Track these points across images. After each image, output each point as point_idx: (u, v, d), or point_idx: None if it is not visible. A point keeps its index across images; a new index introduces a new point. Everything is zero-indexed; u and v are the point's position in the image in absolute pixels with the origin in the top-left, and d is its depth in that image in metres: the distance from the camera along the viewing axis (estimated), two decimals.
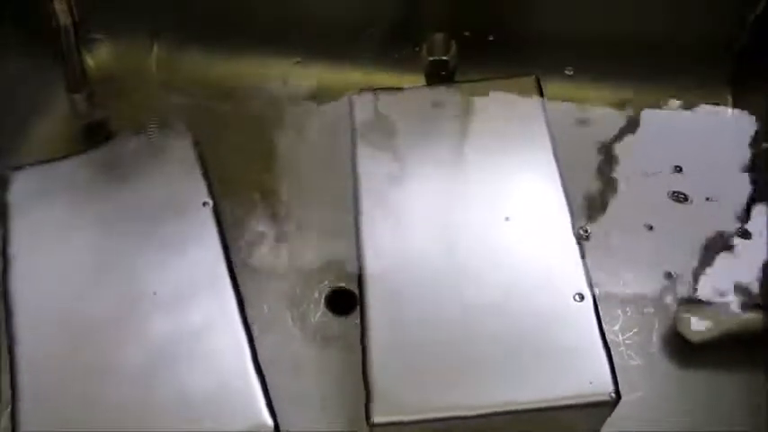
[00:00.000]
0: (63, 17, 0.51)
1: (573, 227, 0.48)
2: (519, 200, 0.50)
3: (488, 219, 0.49)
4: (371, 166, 0.52)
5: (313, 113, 0.61)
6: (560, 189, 0.50)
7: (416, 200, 0.50)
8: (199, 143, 0.54)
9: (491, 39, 0.61)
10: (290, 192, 0.57)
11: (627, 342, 0.49)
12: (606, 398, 0.42)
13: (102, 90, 0.59)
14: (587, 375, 0.42)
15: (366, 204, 0.50)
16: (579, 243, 0.47)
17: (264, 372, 0.45)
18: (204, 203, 0.51)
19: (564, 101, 0.58)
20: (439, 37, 0.58)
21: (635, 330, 0.50)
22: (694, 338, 0.48)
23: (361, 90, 0.56)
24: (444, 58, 0.59)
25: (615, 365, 0.42)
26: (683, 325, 0.48)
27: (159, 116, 0.58)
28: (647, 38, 0.59)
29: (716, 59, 0.59)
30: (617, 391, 0.42)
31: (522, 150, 0.52)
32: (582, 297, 0.45)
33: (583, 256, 0.46)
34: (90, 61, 0.62)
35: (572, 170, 0.50)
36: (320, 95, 0.62)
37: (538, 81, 0.55)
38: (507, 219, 0.48)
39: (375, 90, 0.56)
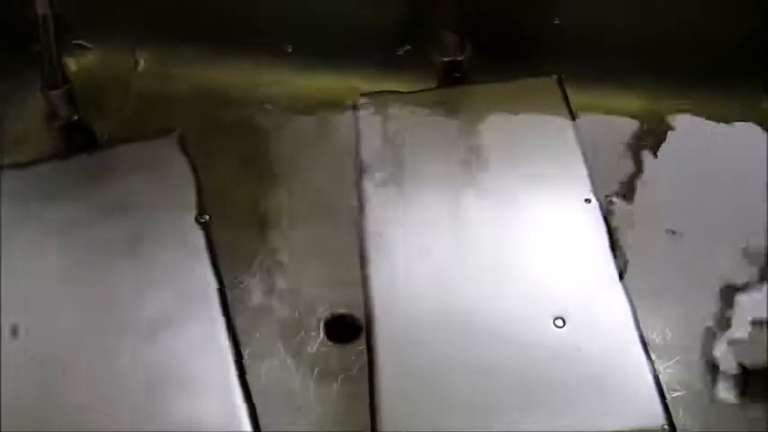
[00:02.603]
0: (41, 7, 0.50)
1: (612, 255, 0.46)
2: (545, 223, 0.47)
3: (509, 242, 0.47)
4: (379, 183, 0.50)
5: (314, 121, 0.58)
6: (597, 210, 0.47)
7: (427, 220, 0.48)
8: (190, 155, 0.54)
9: (507, 38, 0.58)
10: (287, 208, 0.54)
11: (668, 371, 0.45)
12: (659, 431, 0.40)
13: (85, 95, 0.57)
14: (635, 406, 0.40)
15: (372, 225, 0.48)
16: (619, 271, 0.46)
17: (256, 405, 0.43)
18: (196, 219, 0.50)
19: (587, 105, 0.55)
20: (452, 36, 0.56)
21: (677, 359, 0.46)
22: (746, 364, 0.44)
23: (367, 94, 0.54)
24: (458, 58, 0.57)
25: None
26: (733, 350, 0.45)
27: (148, 124, 0.57)
28: (675, 38, 0.57)
29: (749, 64, 0.57)
30: (671, 423, 0.39)
31: (549, 167, 0.50)
32: (623, 323, 0.43)
33: (621, 278, 0.45)
34: (74, 66, 0.61)
35: (601, 177, 0.49)
36: (322, 101, 0.59)
37: (560, 82, 0.53)
38: (530, 241, 0.46)
39: (381, 93, 0.54)
